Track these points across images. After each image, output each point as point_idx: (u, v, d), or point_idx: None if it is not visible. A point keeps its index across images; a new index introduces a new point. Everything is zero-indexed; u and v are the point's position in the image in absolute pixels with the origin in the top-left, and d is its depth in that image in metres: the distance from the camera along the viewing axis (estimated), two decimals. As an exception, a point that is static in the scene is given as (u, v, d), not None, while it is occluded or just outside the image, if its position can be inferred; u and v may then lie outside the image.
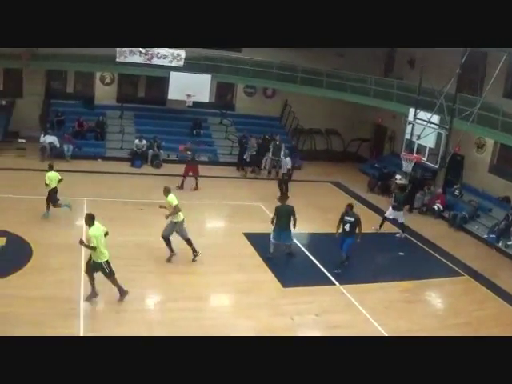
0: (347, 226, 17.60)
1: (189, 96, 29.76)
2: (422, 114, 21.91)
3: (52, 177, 20.27)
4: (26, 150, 28.09)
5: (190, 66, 29.86)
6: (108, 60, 29.11)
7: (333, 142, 36.05)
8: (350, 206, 18.09)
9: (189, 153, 26.41)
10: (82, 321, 13.53)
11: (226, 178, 28.49)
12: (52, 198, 20.34)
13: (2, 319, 13.03)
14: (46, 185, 20.13)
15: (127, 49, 28.84)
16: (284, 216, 18.27)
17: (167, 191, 17.48)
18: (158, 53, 29.51)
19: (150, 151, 29.09)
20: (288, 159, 26.76)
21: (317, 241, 20.88)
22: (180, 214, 17.31)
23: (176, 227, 17.39)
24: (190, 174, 25.92)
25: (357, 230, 17.79)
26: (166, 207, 17.48)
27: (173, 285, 16.14)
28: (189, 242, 17.62)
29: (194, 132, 32.33)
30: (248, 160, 30.32)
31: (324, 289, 16.91)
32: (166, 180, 24.80)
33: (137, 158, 28.81)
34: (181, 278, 16.52)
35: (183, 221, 17.44)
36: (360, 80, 28.73)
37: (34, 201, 20.90)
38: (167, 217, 17.35)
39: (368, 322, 14.92)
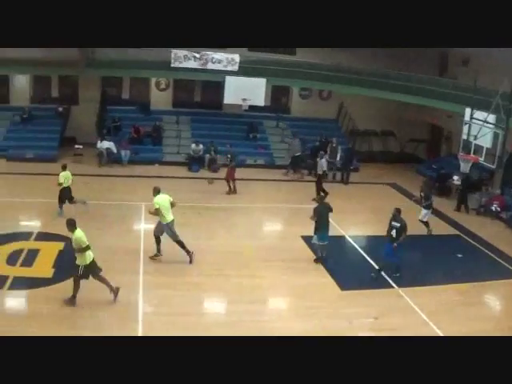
0: (393, 232, 16.89)
1: (244, 100, 29.64)
2: (479, 114, 21.29)
3: (66, 176, 20.63)
4: (83, 156, 28.34)
5: (244, 70, 29.76)
6: (163, 66, 29.22)
7: (389, 144, 35.48)
8: (398, 211, 17.34)
9: (228, 156, 26.28)
10: (141, 324, 13.48)
11: (283, 181, 28.23)
12: (67, 196, 20.68)
13: (62, 322, 13.09)
14: (59, 184, 20.51)
15: (182, 54, 28.96)
16: (324, 216, 17.87)
17: (155, 191, 17.10)
18: (213, 57, 29.51)
19: (207, 155, 29.08)
20: (323, 160, 26.17)
21: (374, 243, 20.40)
22: (168, 215, 16.98)
23: (164, 228, 17.12)
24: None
25: (401, 237, 17.01)
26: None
27: (233, 288, 15.92)
28: (180, 243, 17.26)
29: (250, 136, 32.17)
30: (289, 161, 30.07)
31: (382, 292, 16.48)
32: (224, 184, 24.77)
33: (194, 163, 28.81)
34: (241, 281, 16.29)
35: (172, 222, 17.12)
36: (416, 80, 28.17)
37: (92, 206, 20.98)
38: (150, 213, 17.22)
39: (426, 325, 14.46)
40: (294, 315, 14.85)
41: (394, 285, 16.83)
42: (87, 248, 13.96)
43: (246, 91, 29.24)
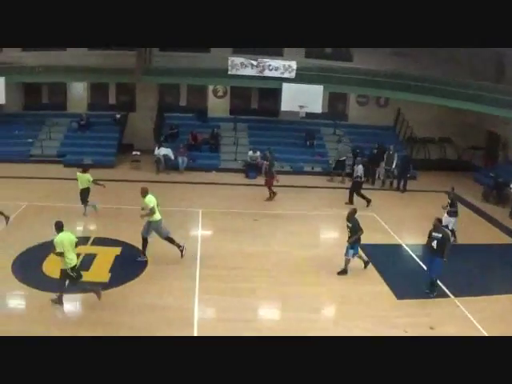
0: (434, 243, 16.03)
1: (301, 107, 29.40)
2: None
3: (84, 179, 21.31)
4: (140, 163, 28.49)
5: (301, 77, 29.54)
6: (220, 73, 29.23)
7: (446, 151, 34.75)
8: (439, 221, 16.62)
9: (266, 163, 26.05)
10: (196, 329, 13.39)
11: (340, 189, 27.83)
12: (83, 197, 21.29)
13: (117, 327, 13.07)
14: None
15: (239, 61, 28.96)
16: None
17: (144, 192, 17.14)
18: (270, 64, 29.41)
19: (264, 162, 28.92)
20: (360, 167, 25.59)
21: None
22: (157, 214, 17.07)
23: (152, 227, 17.16)
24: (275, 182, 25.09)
25: (445, 249, 16.00)
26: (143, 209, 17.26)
27: (287, 295, 15.65)
28: (169, 239, 17.32)
29: (308, 143, 31.90)
30: (333, 166, 29.80)
31: (439, 301, 15.99)
32: (281, 191, 24.59)
33: (251, 170, 28.69)
34: (295, 288, 16.01)
35: (160, 221, 17.19)
36: (473, 87, 27.51)
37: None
38: (142, 217, 17.13)
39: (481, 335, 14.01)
40: (348, 324, 14.50)
41: (450, 294, 16.34)
42: (60, 254, 13.83)
43: (302, 98, 28.99)
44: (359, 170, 25.16)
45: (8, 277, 15.82)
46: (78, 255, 16.99)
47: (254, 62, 29.22)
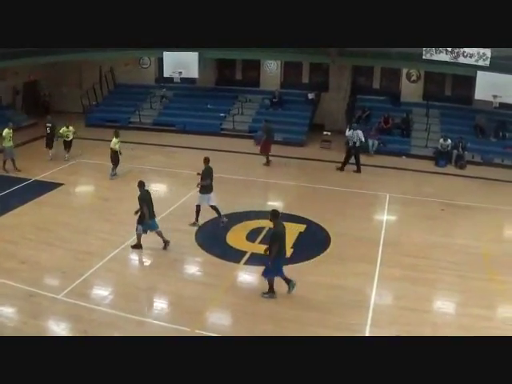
0: None
1: (495, 97, 27.96)
2: None
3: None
4: (330, 143, 28.50)
5: (496, 66, 28.07)
6: (414, 57, 28.48)
7: None
8: None
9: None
10: (371, 314, 13.27)
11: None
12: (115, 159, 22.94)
13: (290, 303, 13.42)
14: (111, 149, 22.96)
15: (434, 47, 28.07)
16: None
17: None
18: (464, 51, 28.18)
19: (455, 151, 27.90)
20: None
21: None
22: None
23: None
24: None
25: None
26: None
27: (469, 290, 14.96)
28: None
29: (500, 134, 30.32)
30: None
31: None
32: (471, 182, 23.72)
33: (441, 158, 27.78)
34: (479, 284, 15.22)
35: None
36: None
37: (335, 192, 21.30)
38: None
39: None
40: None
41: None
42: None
43: (497, 88, 27.55)
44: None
45: (192, 244, 16.85)
46: (262, 229, 17.53)
47: (449, 48, 28.17)
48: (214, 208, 18.41)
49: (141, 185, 16.51)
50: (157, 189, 21.84)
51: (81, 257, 16.40)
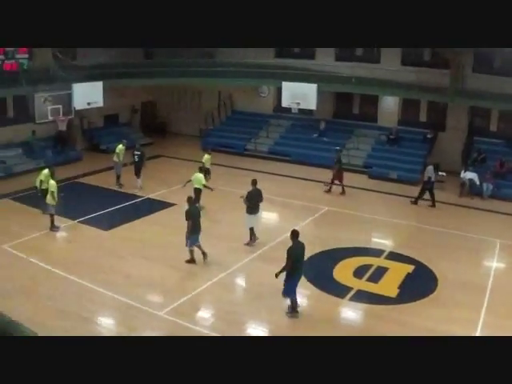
0: None
1: None
2: None
3: (199, 178, 22.35)
4: (444, 183, 28.21)
5: None
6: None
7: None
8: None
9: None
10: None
11: None
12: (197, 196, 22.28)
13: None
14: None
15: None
16: None
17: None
18: None
19: None
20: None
21: None
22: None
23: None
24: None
25: None
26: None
27: None
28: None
29: None
30: None
31: None
32: None
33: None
34: None
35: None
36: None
37: (445, 234, 21.42)
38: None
39: None
40: None
41: None
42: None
43: None
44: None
45: None
46: (370, 266, 17.73)
47: None
48: (251, 230, 19.27)
49: (189, 200, 17.99)
50: (267, 217, 22.44)
51: (186, 277, 17.32)
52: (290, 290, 14.71)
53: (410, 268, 18.18)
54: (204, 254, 17.93)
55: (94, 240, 20.17)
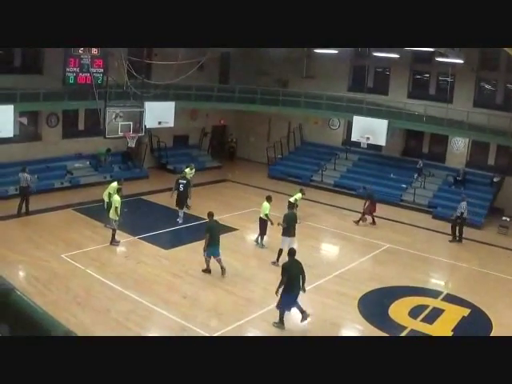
0: None
1: None
2: None
3: (264, 207, 21.67)
4: (508, 229, 27.89)
5: None
6: None
7: None
8: None
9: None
10: None
11: None
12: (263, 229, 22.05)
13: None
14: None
15: None
16: None
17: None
18: None
19: None
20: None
21: None
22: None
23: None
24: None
25: None
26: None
27: None
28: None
29: None
30: None
31: None
32: None
33: None
34: None
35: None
36: None
37: (506, 280, 21.23)
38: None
39: None
40: None
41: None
42: None
43: None
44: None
45: (354, 309, 17.36)
46: (426, 307, 17.73)
47: None
48: (280, 251, 19.90)
49: (210, 215, 19.01)
50: (326, 249, 22.61)
51: (240, 302, 17.51)
52: (284, 304, 15.56)
53: (466, 311, 18.04)
54: (222, 268, 18.76)
55: (153, 257, 20.68)
